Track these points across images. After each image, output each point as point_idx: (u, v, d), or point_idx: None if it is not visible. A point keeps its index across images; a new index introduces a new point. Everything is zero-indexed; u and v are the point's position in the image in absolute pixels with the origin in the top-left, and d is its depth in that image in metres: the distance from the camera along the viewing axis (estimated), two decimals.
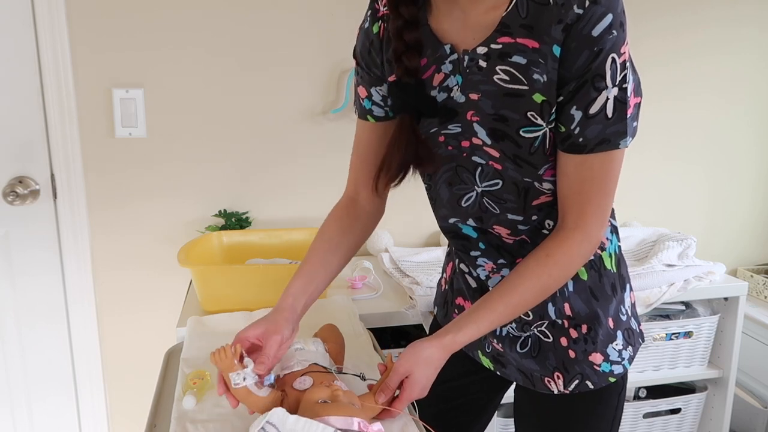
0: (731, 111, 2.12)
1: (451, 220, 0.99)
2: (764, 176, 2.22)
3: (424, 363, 0.85)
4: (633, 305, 1.03)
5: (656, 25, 1.98)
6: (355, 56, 0.98)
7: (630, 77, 0.79)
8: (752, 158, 2.19)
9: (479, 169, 0.91)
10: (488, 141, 0.87)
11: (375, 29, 0.92)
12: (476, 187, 0.93)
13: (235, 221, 1.75)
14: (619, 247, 1.00)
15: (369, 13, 0.94)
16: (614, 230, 0.99)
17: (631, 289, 1.02)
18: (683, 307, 1.78)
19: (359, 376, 0.90)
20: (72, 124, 1.66)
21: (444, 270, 1.17)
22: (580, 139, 0.81)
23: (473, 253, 1.00)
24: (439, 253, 1.77)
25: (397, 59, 0.87)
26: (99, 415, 1.85)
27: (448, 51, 0.86)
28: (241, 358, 0.85)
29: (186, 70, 1.70)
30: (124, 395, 1.87)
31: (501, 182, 0.90)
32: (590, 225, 0.85)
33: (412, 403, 0.90)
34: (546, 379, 0.99)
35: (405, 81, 0.87)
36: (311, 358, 0.91)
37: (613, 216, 0.98)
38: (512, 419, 1.14)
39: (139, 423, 1.36)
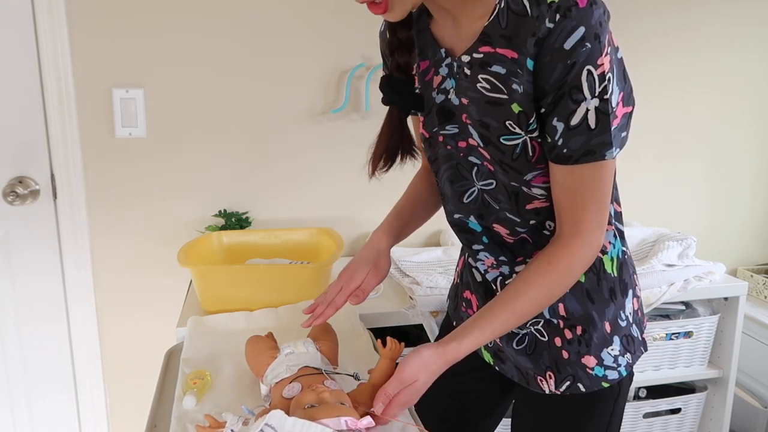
0: (731, 110, 2.12)
1: (456, 216, 1.02)
2: (764, 176, 2.22)
3: (425, 368, 0.84)
4: (636, 312, 1.01)
5: (657, 23, 1.98)
6: (382, 54, 1.03)
7: (613, 88, 0.78)
8: (752, 158, 2.19)
9: (475, 168, 0.94)
10: (481, 143, 0.89)
11: (388, 34, 0.96)
12: (476, 185, 0.95)
13: (235, 221, 1.75)
14: (624, 251, 0.99)
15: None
16: (619, 234, 0.98)
17: (635, 296, 1.01)
18: (683, 307, 1.78)
19: (353, 376, 0.90)
20: (72, 124, 1.66)
21: (457, 263, 1.19)
22: (565, 150, 0.81)
23: (475, 247, 1.02)
24: (439, 253, 1.77)
25: (390, 54, 0.92)
26: (99, 414, 1.85)
27: (443, 55, 0.90)
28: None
29: (186, 70, 1.70)
30: (124, 395, 1.87)
31: (494, 183, 0.92)
32: (587, 232, 0.85)
33: (413, 409, 0.90)
34: (538, 377, 1.00)
35: (396, 76, 0.92)
36: (302, 361, 0.90)
37: (618, 220, 0.98)
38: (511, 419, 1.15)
39: (139, 423, 1.36)
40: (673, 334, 1.71)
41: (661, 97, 2.04)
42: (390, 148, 0.96)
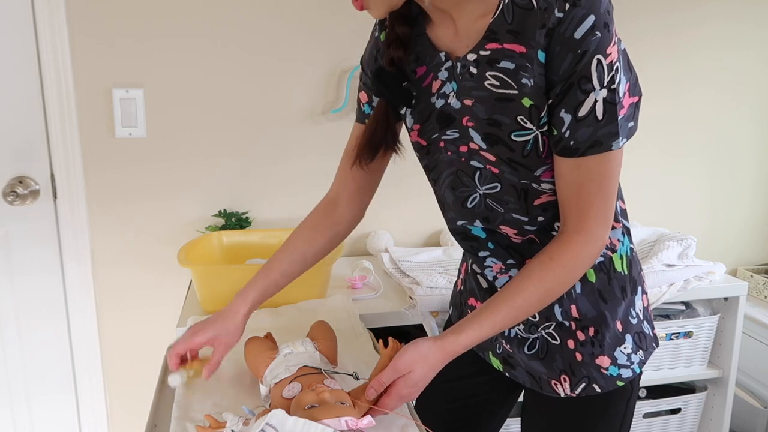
0: (731, 111, 2.12)
1: (459, 223, 1.00)
2: (764, 176, 2.22)
3: (423, 360, 0.84)
4: (646, 308, 1.01)
5: (657, 22, 1.98)
6: (361, 62, 1.02)
7: (620, 78, 0.78)
8: (752, 158, 2.19)
9: (478, 173, 0.92)
10: (483, 146, 0.88)
11: (382, 37, 0.96)
12: (478, 190, 0.94)
13: (235, 221, 1.75)
14: (632, 249, 0.99)
15: (377, 22, 0.98)
16: (626, 232, 0.98)
17: (644, 292, 1.00)
18: (683, 307, 1.77)
19: (352, 376, 0.90)
20: (72, 124, 1.66)
21: (459, 271, 1.18)
22: (572, 142, 0.80)
23: (482, 254, 1.01)
24: (439, 253, 1.77)
25: (387, 46, 0.91)
26: (99, 413, 1.85)
27: (443, 58, 0.88)
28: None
29: (186, 70, 1.70)
30: (124, 395, 1.87)
31: (499, 185, 0.91)
32: (592, 228, 0.84)
33: (412, 407, 0.89)
34: (553, 381, 0.99)
35: (389, 70, 0.91)
36: (301, 360, 0.90)
37: (625, 217, 0.98)
38: (514, 418, 1.15)
39: (139, 421, 1.36)
40: (673, 334, 1.71)
41: (661, 97, 2.04)
42: (373, 140, 0.96)
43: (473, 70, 0.85)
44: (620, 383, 0.97)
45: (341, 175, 1.08)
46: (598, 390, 0.97)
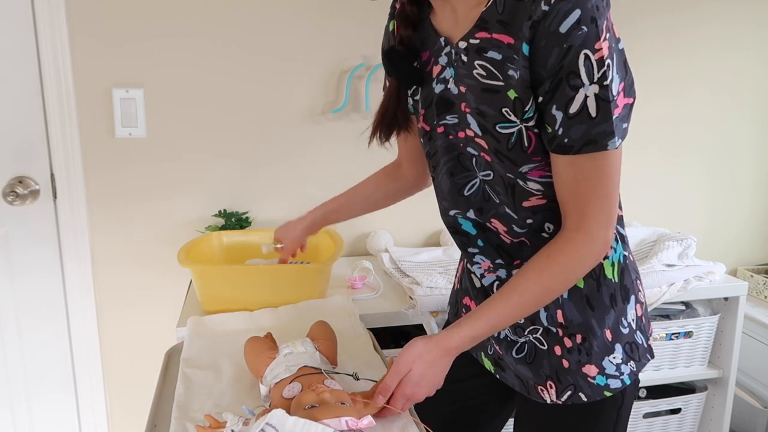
0: (731, 111, 2.12)
1: (452, 213, 1.00)
2: (764, 176, 2.22)
3: (418, 358, 0.85)
4: (639, 318, 0.97)
5: (657, 22, 1.98)
6: (382, 53, 1.04)
7: (613, 75, 0.76)
8: (752, 158, 2.19)
9: (474, 159, 0.93)
10: (479, 132, 0.88)
11: (391, 27, 0.99)
12: (478, 175, 0.94)
13: (235, 221, 1.75)
14: (625, 256, 0.96)
15: (389, 12, 1.00)
16: (621, 238, 0.96)
17: (638, 302, 0.97)
18: (683, 307, 1.77)
19: (352, 376, 0.90)
20: (72, 124, 1.66)
21: (457, 269, 1.18)
22: (565, 140, 0.79)
23: (471, 250, 1.01)
24: (439, 253, 1.77)
25: (399, 23, 0.93)
26: (99, 414, 1.85)
27: (443, 43, 0.89)
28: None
29: (186, 70, 1.70)
30: (124, 395, 1.87)
31: (492, 174, 0.91)
32: (592, 227, 0.83)
33: (413, 406, 0.90)
34: (539, 387, 0.98)
35: (398, 49, 0.93)
36: (301, 360, 0.90)
37: (620, 223, 0.96)
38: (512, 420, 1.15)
39: (139, 421, 1.36)
40: (673, 334, 1.71)
41: (661, 97, 2.04)
42: (385, 119, 0.98)
43: (464, 58, 0.85)
44: (608, 393, 0.95)
45: (398, 147, 1.16)
46: (584, 399, 0.95)
